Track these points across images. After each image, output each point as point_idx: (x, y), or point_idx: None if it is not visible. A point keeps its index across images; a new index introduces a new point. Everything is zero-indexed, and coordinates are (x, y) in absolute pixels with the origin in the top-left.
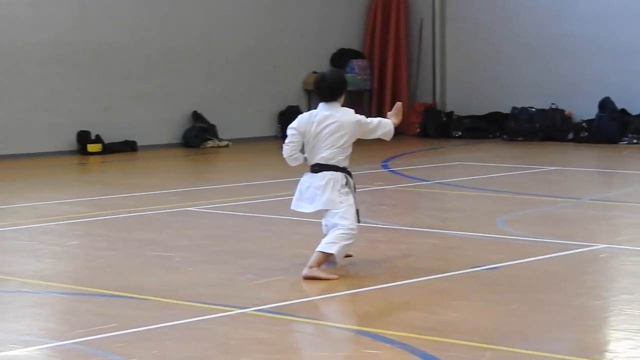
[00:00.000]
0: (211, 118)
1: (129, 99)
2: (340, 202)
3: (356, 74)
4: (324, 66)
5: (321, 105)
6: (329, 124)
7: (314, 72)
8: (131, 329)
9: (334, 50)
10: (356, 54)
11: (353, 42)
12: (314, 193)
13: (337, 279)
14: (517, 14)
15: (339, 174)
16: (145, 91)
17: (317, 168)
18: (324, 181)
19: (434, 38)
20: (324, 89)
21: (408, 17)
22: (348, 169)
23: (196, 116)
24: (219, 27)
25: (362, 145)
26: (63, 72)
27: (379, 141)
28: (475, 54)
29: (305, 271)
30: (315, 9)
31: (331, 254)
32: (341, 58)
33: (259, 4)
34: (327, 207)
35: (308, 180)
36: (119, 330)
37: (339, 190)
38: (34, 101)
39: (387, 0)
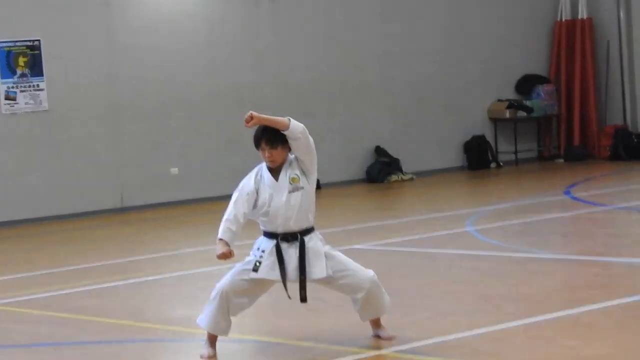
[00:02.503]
0: (394, 152)
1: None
2: None
3: (542, 99)
4: (508, 93)
5: None
6: None
7: (499, 100)
8: None
9: (518, 76)
10: (541, 79)
11: (538, 66)
12: None
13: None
14: None
15: None
16: (327, 129)
17: None
18: None
19: (621, 59)
20: None
21: (593, 39)
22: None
23: (379, 151)
24: (397, 59)
25: (548, 172)
26: (241, 112)
27: (566, 167)
28: None
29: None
30: (497, 34)
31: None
32: (526, 84)
33: (438, 33)
34: None
35: None
36: None
37: None
38: (216, 143)
39: (571, 23)
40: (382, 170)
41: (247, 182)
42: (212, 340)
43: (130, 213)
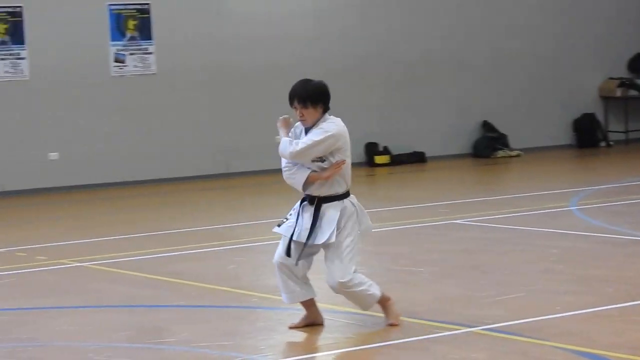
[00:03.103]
0: (502, 127)
1: (417, 110)
2: None
3: None
4: (620, 71)
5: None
6: None
7: (610, 78)
8: (349, 347)
9: (631, 54)
10: None
11: None
12: None
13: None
14: None
15: None
16: (434, 102)
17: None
18: None
19: None
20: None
21: None
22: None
23: (486, 126)
24: (507, 35)
25: None
26: (350, 85)
27: None
28: None
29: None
30: (610, 10)
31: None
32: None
33: (549, 8)
34: None
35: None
36: (340, 349)
37: None
38: None
39: None
40: (489, 145)
41: (291, 133)
42: (306, 307)
43: (232, 179)
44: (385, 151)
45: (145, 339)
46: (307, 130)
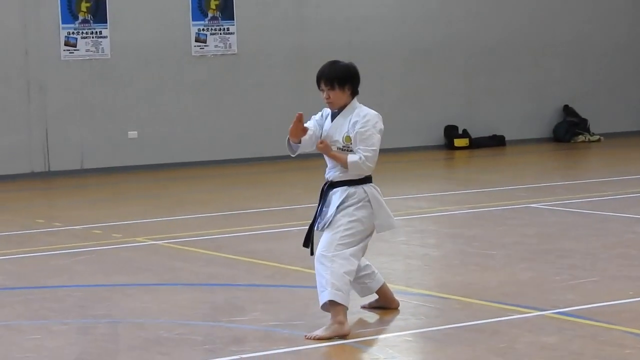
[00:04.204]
0: (583, 112)
1: (497, 94)
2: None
3: None
4: None
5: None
6: None
7: None
8: (419, 329)
9: None
10: None
11: None
12: None
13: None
14: None
15: None
16: (514, 85)
17: None
18: None
19: None
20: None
21: None
22: None
23: (567, 110)
24: (589, 20)
25: None
26: (430, 69)
27: None
28: None
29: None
30: None
31: None
32: None
33: None
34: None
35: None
36: (401, 331)
37: None
38: (403, 97)
39: None
40: (569, 129)
41: (318, 114)
42: (378, 292)
43: (312, 160)
44: (465, 134)
45: (218, 317)
46: (333, 115)
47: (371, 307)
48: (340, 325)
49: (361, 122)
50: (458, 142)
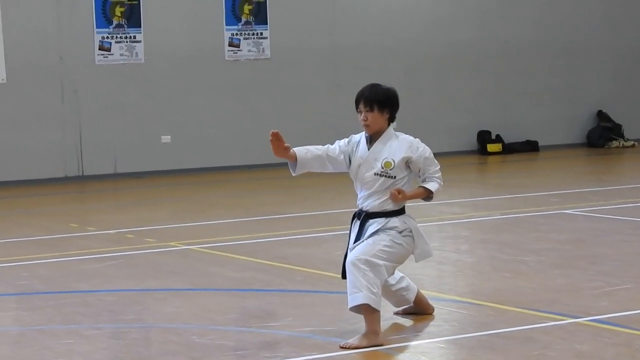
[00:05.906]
0: (617, 117)
1: (530, 98)
2: None
3: None
4: None
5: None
6: None
7: None
8: (452, 335)
9: None
10: None
11: None
12: None
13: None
14: None
15: None
16: (547, 90)
17: None
18: None
19: None
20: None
21: None
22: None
23: (601, 115)
24: (625, 24)
25: None
26: (462, 72)
27: None
28: None
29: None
30: None
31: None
32: None
33: None
34: None
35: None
36: (434, 338)
37: None
38: (435, 101)
39: None
40: (602, 135)
41: (343, 141)
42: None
43: None
44: (498, 139)
45: (250, 322)
46: (370, 139)
47: (405, 313)
48: (375, 335)
49: (415, 146)
50: (491, 147)
